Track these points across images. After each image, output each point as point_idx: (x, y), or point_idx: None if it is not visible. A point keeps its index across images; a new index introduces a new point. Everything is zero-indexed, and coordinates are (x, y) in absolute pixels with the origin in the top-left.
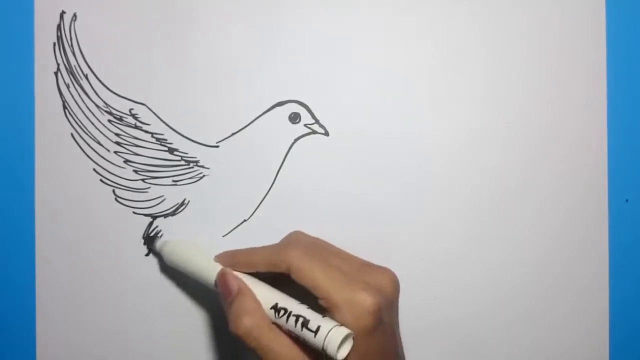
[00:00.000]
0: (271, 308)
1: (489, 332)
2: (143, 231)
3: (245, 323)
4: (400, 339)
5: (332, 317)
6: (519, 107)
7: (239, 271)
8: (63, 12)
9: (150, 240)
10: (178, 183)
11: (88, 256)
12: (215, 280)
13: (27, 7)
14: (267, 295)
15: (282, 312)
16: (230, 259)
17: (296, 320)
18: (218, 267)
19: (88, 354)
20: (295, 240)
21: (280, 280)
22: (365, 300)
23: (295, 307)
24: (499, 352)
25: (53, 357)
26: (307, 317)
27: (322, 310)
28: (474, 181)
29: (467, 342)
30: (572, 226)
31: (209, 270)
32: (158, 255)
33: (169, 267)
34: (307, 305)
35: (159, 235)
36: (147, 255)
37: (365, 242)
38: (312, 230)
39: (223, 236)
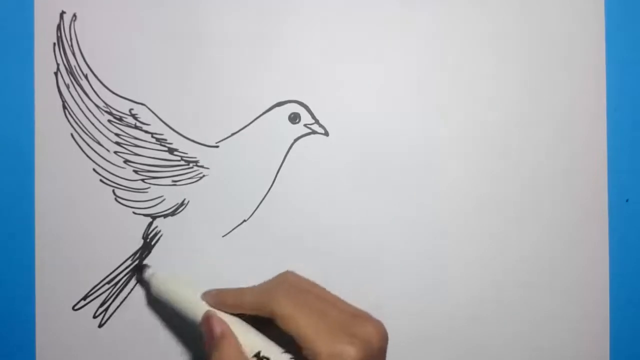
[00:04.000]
0: (254, 356)
1: (488, 333)
2: (143, 231)
3: None
4: None
5: None
6: (518, 108)
7: (224, 311)
8: (63, 12)
9: (139, 270)
10: (178, 183)
11: (88, 256)
12: (200, 322)
13: (27, 7)
14: (251, 342)
15: None
16: (216, 299)
17: None
18: (204, 307)
19: (88, 354)
20: (284, 283)
21: (268, 323)
22: (349, 352)
23: (279, 357)
24: (499, 353)
25: (53, 357)
26: None
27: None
28: (473, 181)
29: (466, 342)
30: (572, 226)
31: (195, 308)
32: (146, 285)
33: (156, 297)
34: (292, 354)
35: (148, 265)
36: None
37: (365, 242)
38: (312, 230)
39: (223, 236)
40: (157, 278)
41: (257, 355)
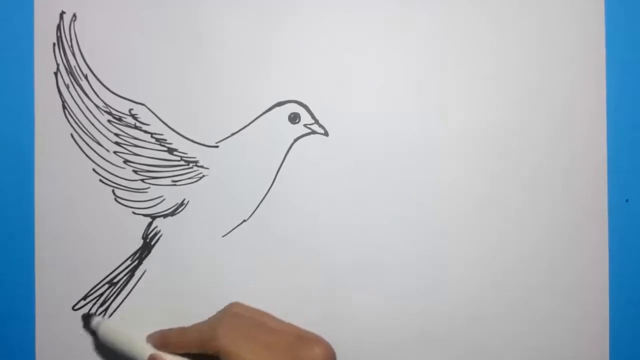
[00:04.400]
0: None
1: (488, 333)
2: (143, 231)
3: None
4: None
5: None
6: (518, 108)
7: (170, 353)
8: (63, 13)
9: (86, 319)
10: (177, 183)
11: (88, 256)
12: None
13: (27, 7)
14: None
15: None
16: (161, 340)
17: None
18: (149, 349)
19: (87, 354)
20: (227, 316)
21: (214, 359)
22: None
23: None
24: (499, 353)
25: (53, 357)
26: None
27: None
28: (473, 181)
29: (466, 342)
30: (572, 226)
31: (140, 351)
32: (93, 334)
33: (103, 344)
34: None
35: (95, 313)
36: (82, 330)
37: (365, 242)
38: (312, 230)
39: (223, 236)
40: (104, 326)
41: None
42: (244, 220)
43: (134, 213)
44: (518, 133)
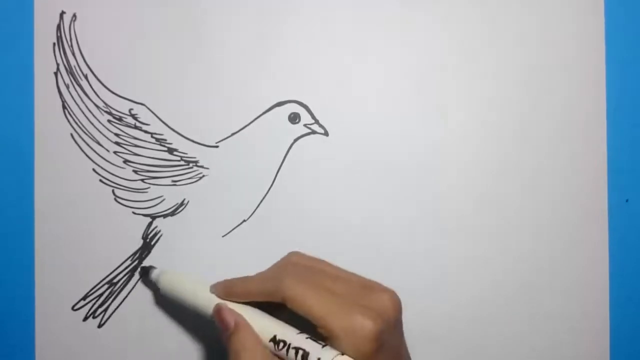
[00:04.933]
0: (270, 341)
1: (488, 333)
2: (143, 231)
3: None
4: (408, 356)
5: (333, 346)
6: (518, 108)
7: (235, 301)
8: (63, 12)
9: (145, 271)
10: (177, 183)
11: (88, 256)
12: (212, 315)
13: (27, 7)
14: (265, 327)
15: (281, 344)
16: (225, 290)
17: (296, 353)
18: (214, 299)
19: (87, 354)
20: (290, 265)
21: (280, 306)
22: (364, 326)
23: (295, 338)
24: (499, 353)
25: (52, 357)
26: (307, 349)
27: (323, 338)
28: (473, 181)
29: (466, 342)
30: (572, 226)
31: (205, 302)
32: (153, 286)
33: (164, 297)
34: (308, 333)
35: (153, 266)
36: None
37: (365, 242)
38: (312, 230)
39: (223, 236)
40: (164, 277)
41: (274, 339)
42: (244, 220)
43: (134, 213)
44: (518, 133)
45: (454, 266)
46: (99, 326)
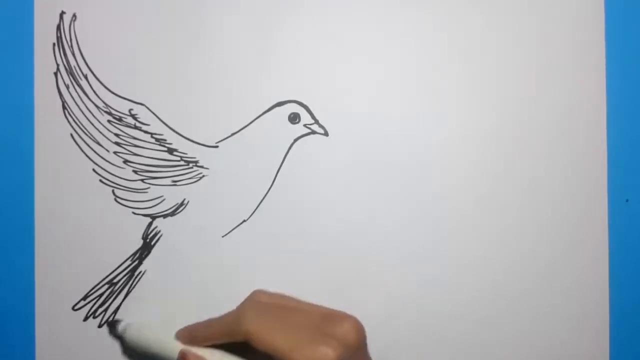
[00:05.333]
0: None
1: (488, 333)
2: (143, 231)
3: None
4: None
5: None
6: (518, 108)
7: (199, 346)
8: (63, 13)
9: (111, 325)
10: (177, 183)
11: (88, 256)
12: None
13: (27, 7)
14: None
15: None
16: (188, 335)
17: None
18: (179, 346)
19: (87, 354)
20: (251, 303)
21: (244, 346)
22: (326, 355)
23: None
24: (499, 353)
25: (53, 357)
26: None
27: None
28: (473, 181)
29: (467, 342)
30: (572, 226)
31: (170, 349)
32: (120, 339)
33: (131, 347)
34: None
35: (118, 319)
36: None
37: (365, 242)
38: (312, 230)
39: (223, 236)
40: (131, 329)
41: None
42: (244, 220)
43: (134, 213)
44: (517, 133)
45: (453, 266)
46: (99, 326)
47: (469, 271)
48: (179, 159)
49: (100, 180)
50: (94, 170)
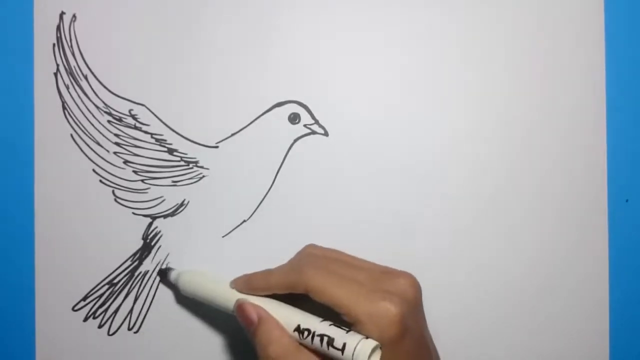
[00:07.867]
0: (295, 330)
1: (488, 332)
2: (143, 232)
3: (272, 353)
4: (430, 338)
5: (357, 331)
6: (518, 108)
7: (256, 295)
8: (63, 13)
9: (163, 273)
10: (178, 184)
11: (88, 257)
12: (234, 310)
13: (27, 7)
14: (289, 318)
15: (306, 333)
16: (246, 284)
17: (321, 340)
18: (236, 295)
19: (87, 355)
20: (308, 256)
21: (300, 297)
22: (388, 310)
23: (318, 326)
24: (500, 354)
25: (53, 357)
26: (332, 336)
27: (347, 324)
28: (473, 182)
29: (466, 341)
30: (572, 226)
31: (227, 298)
32: (173, 287)
33: (185, 297)
34: (331, 320)
35: (171, 267)
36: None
37: (365, 242)
38: (312, 231)
39: (223, 236)
40: (184, 278)
41: (298, 328)
42: (244, 220)
43: (134, 214)
44: (517, 133)
45: (455, 267)
46: (100, 327)
47: (469, 272)
48: (179, 159)
49: (100, 181)
50: (94, 170)
